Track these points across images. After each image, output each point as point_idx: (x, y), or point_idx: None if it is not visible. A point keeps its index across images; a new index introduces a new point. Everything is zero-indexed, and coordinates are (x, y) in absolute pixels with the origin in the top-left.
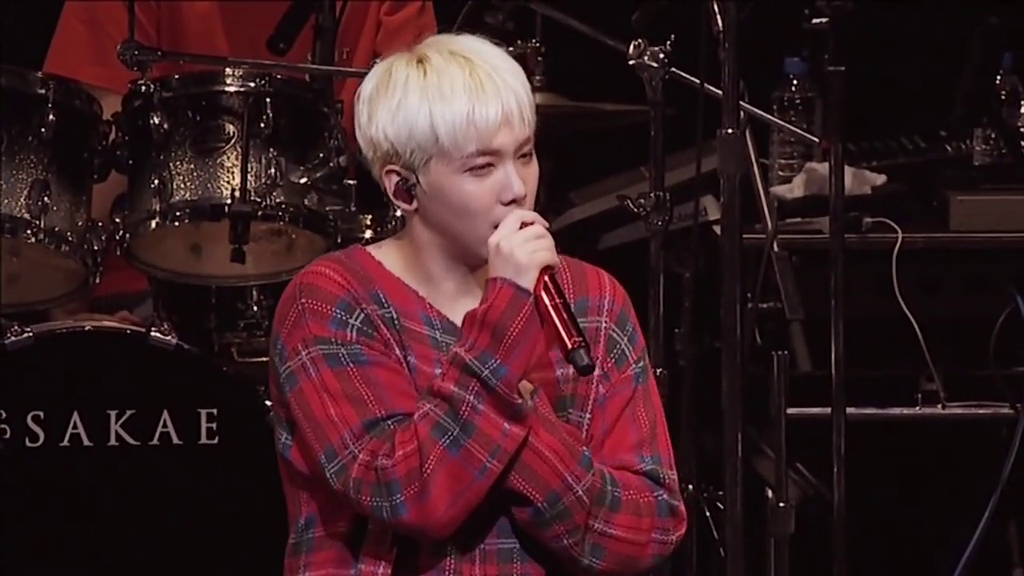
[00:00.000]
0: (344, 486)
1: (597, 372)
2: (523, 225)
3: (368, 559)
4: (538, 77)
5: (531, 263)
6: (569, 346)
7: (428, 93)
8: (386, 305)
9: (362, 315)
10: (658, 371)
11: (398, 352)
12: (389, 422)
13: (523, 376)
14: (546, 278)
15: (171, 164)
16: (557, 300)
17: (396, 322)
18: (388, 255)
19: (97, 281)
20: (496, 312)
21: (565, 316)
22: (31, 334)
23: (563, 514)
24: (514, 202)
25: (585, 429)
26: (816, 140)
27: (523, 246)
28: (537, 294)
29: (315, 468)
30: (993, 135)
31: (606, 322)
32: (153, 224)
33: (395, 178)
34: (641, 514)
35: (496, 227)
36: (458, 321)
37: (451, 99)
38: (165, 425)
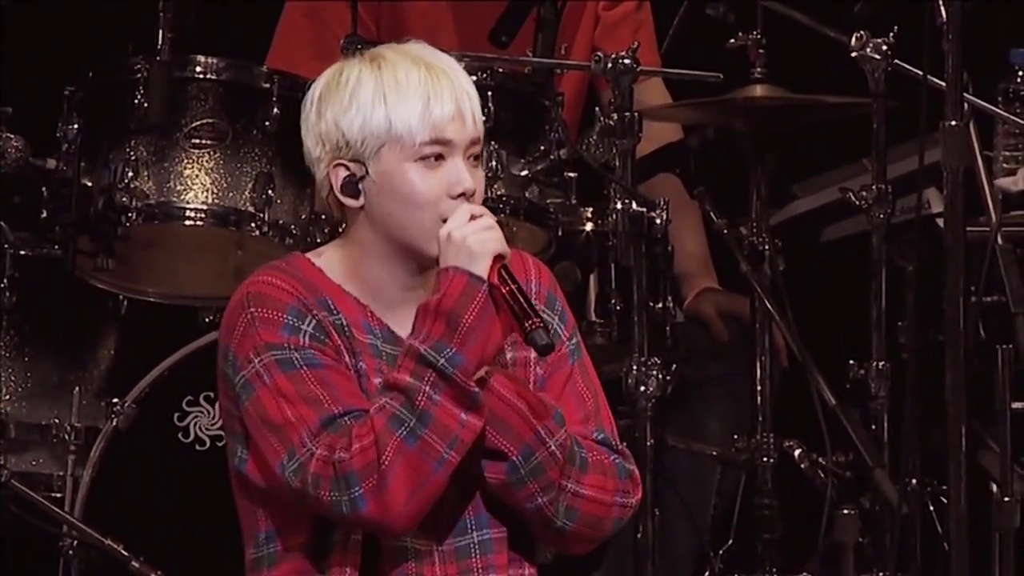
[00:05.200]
0: (303, 483)
1: (533, 355)
2: (472, 218)
3: (334, 568)
4: (759, 69)
5: (484, 251)
6: (528, 328)
7: (383, 85)
8: (335, 312)
9: (314, 321)
10: (881, 364)
11: (348, 359)
12: (346, 418)
13: (480, 365)
14: (499, 266)
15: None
16: (512, 286)
17: (346, 329)
18: (329, 262)
19: None
20: (450, 300)
21: (521, 300)
22: None
23: (537, 470)
24: (463, 196)
25: None
26: None
27: (476, 235)
28: (491, 282)
29: (272, 478)
30: None
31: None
32: None
33: (343, 172)
34: (606, 475)
35: (444, 221)
36: (399, 330)
37: (406, 89)
38: None
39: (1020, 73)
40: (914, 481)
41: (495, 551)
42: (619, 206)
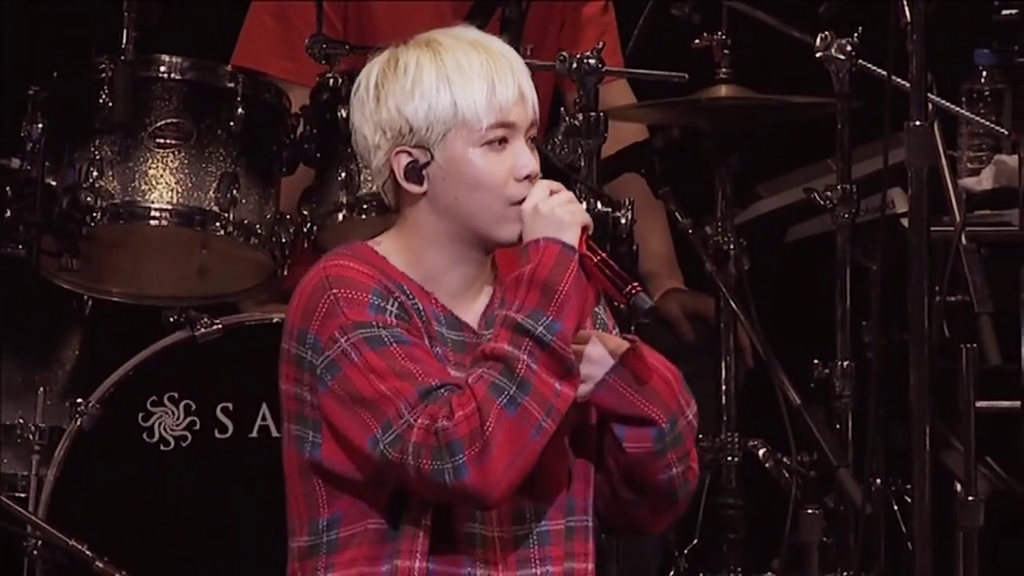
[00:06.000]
0: (401, 453)
1: None
2: (551, 193)
3: (404, 553)
4: (724, 70)
5: (573, 221)
6: (630, 292)
7: (445, 70)
8: (411, 297)
9: (396, 303)
10: (845, 364)
11: (427, 342)
12: (442, 390)
13: (575, 332)
14: (586, 236)
15: (358, 157)
16: (602, 254)
17: (421, 313)
18: (391, 251)
19: (286, 273)
20: (544, 269)
21: (615, 267)
22: (220, 326)
23: (678, 439)
24: (528, 178)
25: None
26: (1005, 132)
27: (564, 206)
28: (581, 252)
29: (358, 456)
30: None
31: None
32: (340, 217)
33: (405, 159)
34: (694, 446)
35: (511, 204)
36: (465, 317)
37: (469, 74)
38: None
39: (984, 73)
40: (878, 481)
41: (552, 543)
42: (584, 206)
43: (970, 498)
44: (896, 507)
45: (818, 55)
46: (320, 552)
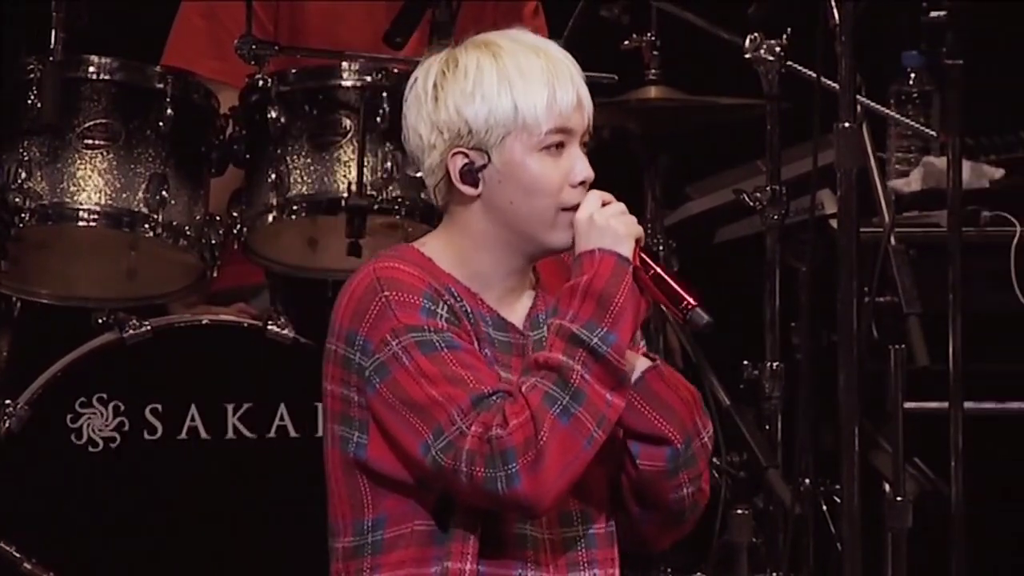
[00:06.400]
0: (454, 460)
1: None
2: (604, 204)
3: (455, 555)
4: (654, 71)
5: (629, 233)
6: (686, 308)
7: (507, 74)
8: (460, 299)
9: (446, 306)
10: (775, 365)
11: (475, 345)
12: (494, 397)
13: (630, 343)
14: (640, 249)
15: (288, 158)
16: (657, 268)
17: (470, 315)
18: (437, 252)
19: (215, 275)
20: (601, 280)
21: (672, 282)
22: (149, 328)
23: (691, 460)
24: (583, 184)
25: None
26: (934, 134)
27: (619, 218)
28: (635, 264)
29: (409, 460)
30: None
31: None
32: (270, 218)
33: (461, 160)
34: (707, 468)
35: (563, 210)
36: (511, 318)
37: (530, 78)
38: (282, 419)
39: (912, 75)
40: (807, 481)
41: (599, 546)
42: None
43: (898, 498)
44: (825, 507)
45: (747, 56)
46: (365, 553)
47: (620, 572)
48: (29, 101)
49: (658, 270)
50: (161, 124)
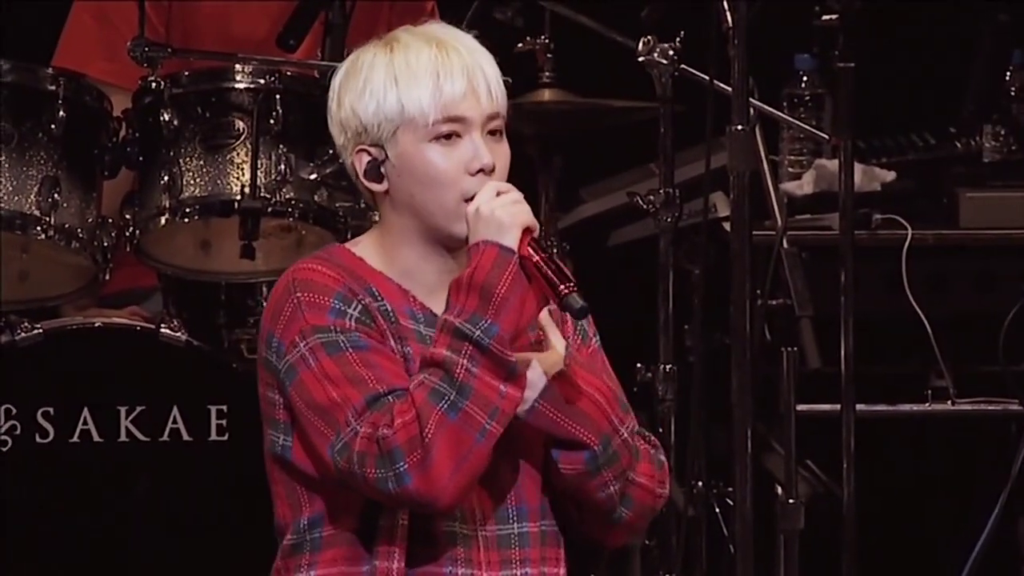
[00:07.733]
0: (348, 463)
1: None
2: (498, 194)
3: (382, 553)
4: (547, 74)
5: (513, 223)
6: (563, 292)
7: (394, 67)
8: (379, 299)
9: (360, 306)
10: (668, 367)
11: (393, 344)
12: (389, 397)
13: (515, 335)
14: (529, 238)
15: (181, 160)
16: (542, 254)
17: (390, 315)
18: (367, 250)
19: (107, 278)
20: (482, 272)
21: (553, 266)
22: (41, 330)
23: (612, 458)
24: (482, 172)
25: None
26: (826, 137)
27: (504, 208)
28: (522, 253)
29: (321, 462)
30: (1003, 132)
31: None
32: (163, 220)
33: (365, 158)
34: (653, 464)
35: (466, 200)
36: (440, 312)
37: (416, 69)
38: (175, 421)
39: (804, 78)
40: (699, 483)
41: (533, 544)
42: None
43: (790, 501)
44: (718, 510)
45: (641, 59)
46: (304, 550)
47: (566, 572)
48: None
49: (538, 258)
50: (53, 126)
